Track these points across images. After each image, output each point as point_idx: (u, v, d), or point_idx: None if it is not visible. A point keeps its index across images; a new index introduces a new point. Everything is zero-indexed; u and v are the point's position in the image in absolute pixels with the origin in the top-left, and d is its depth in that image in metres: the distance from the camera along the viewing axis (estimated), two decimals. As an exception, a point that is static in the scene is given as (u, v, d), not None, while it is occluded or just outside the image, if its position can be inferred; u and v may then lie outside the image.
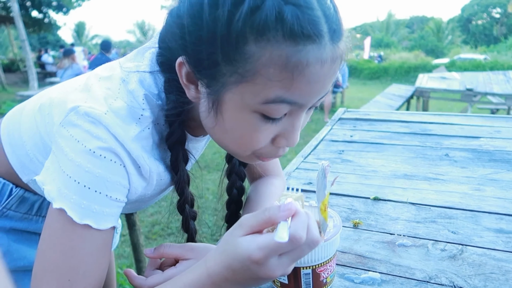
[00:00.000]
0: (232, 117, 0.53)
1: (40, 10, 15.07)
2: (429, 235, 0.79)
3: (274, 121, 0.53)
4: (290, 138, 0.56)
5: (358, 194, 1.00)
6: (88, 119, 0.53)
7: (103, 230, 0.55)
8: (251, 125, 0.53)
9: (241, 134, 0.55)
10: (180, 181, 0.65)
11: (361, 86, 14.94)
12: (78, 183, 0.52)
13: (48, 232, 0.55)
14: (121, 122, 0.55)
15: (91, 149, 0.52)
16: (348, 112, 1.85)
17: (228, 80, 0.50)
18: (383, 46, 33.64)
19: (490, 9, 41.84)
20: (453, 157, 1.22)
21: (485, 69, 13.88)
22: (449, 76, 7.61)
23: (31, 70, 9.51)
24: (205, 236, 2.76)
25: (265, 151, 0.58)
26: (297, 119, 0.55)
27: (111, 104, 0.56)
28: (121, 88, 0.58)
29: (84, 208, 0.53)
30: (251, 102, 0.50)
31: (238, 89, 0.50)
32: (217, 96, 0.53)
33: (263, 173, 0.89)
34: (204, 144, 0.79)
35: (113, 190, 0.55)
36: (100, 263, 0.57)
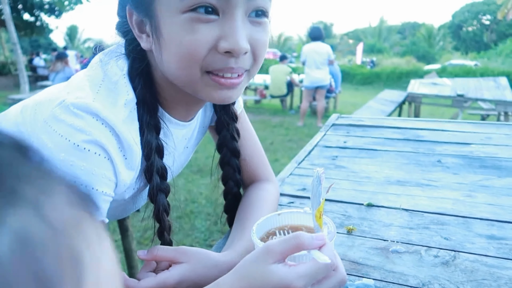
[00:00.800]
0: (169, 28, 0.55)
1: (32, 13, 14.97)
2: (422, 241, 0.80)
3: (207, 23, 0.54)
4: (231, 39, 0.55)
5: (352, 200, 1.00)
6: (73, 111, 0.54)
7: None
8: (186, 28, 0.54)
9: (181, 44, 0.55)
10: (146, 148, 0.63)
11: (354, 91, 15.03)
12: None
13: None
14: (110, 106, 0.57)
15: (75, 143, 0.53)
16: (342, 118, 1.86)
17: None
18: (375, 52, 33.94)
19: (480, 16, 42.44)
20: (445, 163, 1.24)
21: (475, 75, 14.04)
22: (441, 82, 7.69)
23: (23, 74, 9.43)
24: (197, 241, 2.76)
25: (214, 63, 0.57)
26: (233, 20, 0.55)
27: (97, 91, 0.58)
28: (104, 76, 0.61)
29: None
30: (174, 3, 0.53)
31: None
32: (153, 17, 0.56)
33: (255, 179, 0.90)
34: (185, 134, 0.76)
35: (99, 184, 0.56)
36: None
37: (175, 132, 0.72)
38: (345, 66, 19.74)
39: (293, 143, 5.61)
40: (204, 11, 0.54)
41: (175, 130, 0.72)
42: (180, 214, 3.16)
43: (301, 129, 6.69)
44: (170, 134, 0.70)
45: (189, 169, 3.99)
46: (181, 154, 0.82)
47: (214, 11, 0.55)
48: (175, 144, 0.73)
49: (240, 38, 0.55)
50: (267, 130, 6.44)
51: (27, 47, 31.14)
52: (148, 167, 0.65)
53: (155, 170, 0.65)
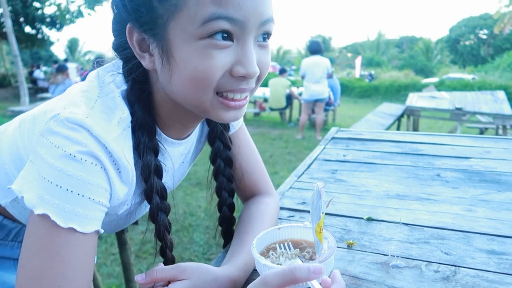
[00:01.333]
0: (183, 53, 0.56)
1: (33, 26, 15.10)
2: (422, 256, 0.80)
3: (223, 49, 0.56)
4: (246, 65, 0.57)
5: (352, 214, 1.00)
6: (67, 125, 0.54)
7: (87, 233, 0.56)
8: (202, 54, 0.55)
9: (195, 68, 0.56)
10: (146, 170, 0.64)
11: (352, 104, 15.11)
12: (60, 187, 0.53)
13: (32, 240, 0.54)
14: (103, 124, 0.57)
15: (71, 154, 0.53)
16: (341, 132, 1.87)
17: (166, 17, 0.55)
18: (374, 65, 34.20)
19: (477, 30, 42.92)
20: (445, 177, 1.24)
21: (473, 89, 14.15)
22: (439, 96, 7.73)
23: (23, 86, 9.48)
24: (196, 254, 2.74)
25: (226, 85, 0.59)
26: (247, 46, 0.57)
27: (92, 107, 0.58)
28: (100, 92, 0.61)
29: (68, 211, 0.53)
30: (192, 29, 0.54)
31: (177, 21, 0.54)
32: (163, 39, 0.57)
33: (255, 192, 0.90)
34: (182, 150, 0.77)
35: (95, 193, 0.56)
36: (87, 268, 0.57)
37: (171, 151, 0.73)
38: (344, 79, 19.87)
39: (292, 156, 5.62)
40: (221, 38, 0.55)
41: (172, 149, 0.73)
42: (178, 228, 3.14)
43: (300, 141, 6.70)
44: (168, 154, 0.71)
45: (188, 182, 3.98)
46: (177, 170, 0.82)
47: (229, 37, 0.56)
48: (173, 163, 0.74)
49: (254, 63, 0.58)
50: (266, 142, 6.45)
51: (28, 59, 31.32)
52: (148, 188, 0.65)
53: (155, 191, 0.66)
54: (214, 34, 0.55)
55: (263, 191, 0.90)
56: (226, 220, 0.85)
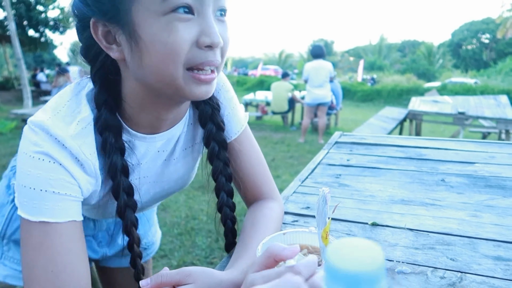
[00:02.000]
0: (150, 32, 0.58)
1: (37, 29, 15.19)
2: (428, 262, 0.79)
3: (187, 21, 0.59)
4: (210, 34, 0.60)
5: (356, 219, 1.00)
6: (31, 128, 0.61)
7: (62, 223, 0.61)
8: (168, 29, 0.58)
9: (164, 46, 0.59)
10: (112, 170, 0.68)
11: (355, 108, 15.10)
12: (24, 187, 0.60)
13: (21, 239, 0.62)
14: (61, 124, 0.62)
15: (30, 155, 0.60)
16: (344, 136, 1.86)
17: (128, 1, 0.58)
18: (376, 69, 34.22)
19: (480, 35, 42.93)
20: (449, 182, 1.23)
21: (476, 93, 14.13)
22: (441, 100, 7.72)
23: (26, 89, 9.51)
24: (198, 258, 2.73)
25: (195, 58, 0.61)
26: (207, 17, 0.61)
27: (58, 111, 0.64)
28: (70, 96, 0.67)
29: (36, 207, 0.59)
30: (155, 7, 0.57)
31: (139, 2, 0.57)
32: (129, 23, 0.59)
33: (259, 197, 0.89)
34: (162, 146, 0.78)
35: (59, 187, 0.60)
36: (75, 253, 0.62)
37: (143, 146, 0.74)
38: (346, 83, 19.87)
39: (295, 160, 5.61)
40: (183, 11, 0.59)
41: (142, 143, 0.74)
42: (181, 231, 3.13)
43: (302, 145, 6.70)
44: (133, 151, 0.73)
45: (190, 185, 3.97)
46: (166, 166, 0.82)
47: (190, 11, 0.60)
48: (138, 158, 0.76)
49: (217, 33, 0.61)
50: (269, 146, 6.45)
51: (31, 62, 31.45)
52: (114, 186, 0.69)
53: (122, 189, 0.70)
54: (177, 8, 0.58)
55: (268, 196, 0.90)
56: (228, 220, 0.85)
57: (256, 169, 0.88)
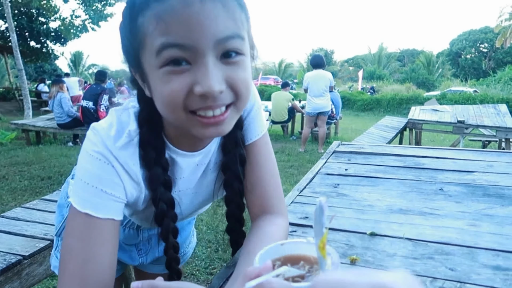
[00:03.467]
0: (152, 81, 0.64)
1: (38, 40, 15.28)
2: (427, 272, 0.79)
3: (179, 72, 0.60)
4: (203, 84, 0.60)
5: (355, 229, 0.99)
6: (93, 131, 0.69)
7: (103, 219, 0.67)
8: (164, 82, 0.61)
9: (162, 94, 0.62)
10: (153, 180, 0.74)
11: (354, 117, 15.13)
12: (81, 180, 0.67)
13: (67, 222, 0.69)
14: (113, 135, 0.69)
15: (89, 153, 0.67)
16: (343, 145, 1.87)
17: (137, 53, 0.63)
18: (375, 79, 34.31)
19: (478, 44, 43.15)
20: (448, 191, 1.23)
21: (475, 102, 14.16)
22: (441, 109, 7.73)
23: (27, 99, 9.54)
24: (198, 269, 2.71)
25: (193, 104, 0.62)
26: (203, 66, 0.60)
27: (111, 122, 0.71)
28: (123, 111, 0.74)
29: (85, 199, 0.66)
30: (152, 61, 0.61)
31: (144, 55, 0.62)
32: (142, 71, 0.65)
33: (267, 209, 0.85)
34: (200, 161, 0.81)
35: (107, 186, 0.67)
36: (107, 249, 0.67)
37: (183, 162, 0.78)
38: (346, 93, 19.93)
39: (294, 169, 5.60)
40: (176, 64, 0.60)
41: (183, 160, 0.78)
42: (180, 241, 3.12)
43: (302, 155, 6.70)
44: (175, 163, 0.78)
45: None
46: (200, 179, 0.84)
47: (186, 61, 0.60)
48: (186, 173, 0.81)
49: (212, 81, 0.60)
50: (269, 156, 6.44)
51: (32, 73, 31.61)
52: (154, 196, 0.75)
53: (162, 200, 0.75)
54: (169, 62, 0.60)
55: (276, 210, 0.86)
56: (233, 230, 0.86)
57: (269, 178, 0.86)
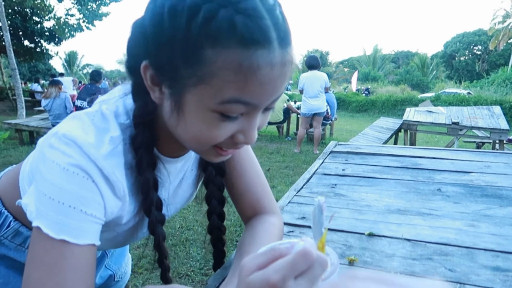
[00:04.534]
0: (193, 116, 0.57)
1: (32, 40, 15.15)
2: (426, 273, 0.78)
3: (231, 120, 0.57)
4: (248, 136, 0.59)
5: (353, 230, 0.98)
6: (63, 140, 0.58)
7: (82, 245, 0.57)
8: (210, 124, 0.57)
9: (201, 132, 0.58)
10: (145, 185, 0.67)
11: (349, 118, 15.17)
12: (53, 200, 0.56)
13: (31, 252, 0.57)
14: (94, 142, 0.60)
15: (64, 167, 0.56)
16: (340, 146, 1.86)
17: (187, 82, 0.54)
18: (370, 80, 34.46)
19: (472, 46, 43.46)
20: (446, 192, 1.23)
21: (469, 104, 14.26)
22: (435, 110, 7.77)
23: (20, 99, 9.46)
24: (193, 269, 2.69)
25: (223, 145, 0.61)
26: (253, 118, 0.59)
27: (86, 128, 0.62)
28: (95, 114, 0.64)
29: (60, 223, 0.56)
30: (209, 103, 0.54)
31: (197, 90, 0.54)
32: (178, 97, 0.57)
33: (258, 210, 0.86)
34: (181, 167, 0.78)
35: (87, 206, 0.58)
36: (86, 280, 0.58)
37: (169, 167, 0.74)
38: (341, 94, 20.00)
39: (290, 170, 5.59)
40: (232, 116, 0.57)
41: (169, 165, 0.74)
42: (175, 242, 3.10)
43: (297, 155, 6.69)
44: (165, 170, 0.73)
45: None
46: (179, 186, 0.82)
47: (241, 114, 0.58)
48: (170, 179, 0.76)
49: (255, 134, 0.60)
50: (264, 156, 6.43)
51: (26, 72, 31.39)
52: (147, 202, 0.68)
53: (154, 205, 0.68)
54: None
55: (268, 210, 0.86)
56: (215, 228, 0.83)
57: (255, 181, 0.86)
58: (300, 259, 0.44)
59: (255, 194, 0.85)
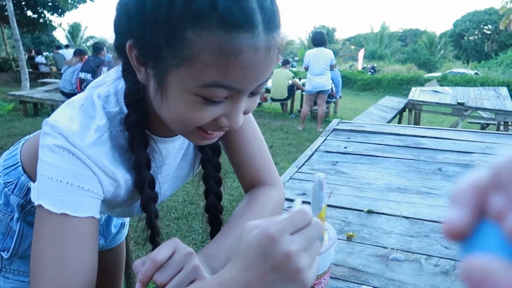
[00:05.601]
0: (175, 98, 0.57)
1: (35, 10, 14.97)
2: (422, 250, 0.80)
3: (214, 104, 0.57)
4: (232, 120, 0.59)
5: (352, 207, 1.00)
6: (51, 131, 0.61)
7: (81, 218, 0.60)
8: (193, 107, 0.56)
9: (183, 114, 0.58)
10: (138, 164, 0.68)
11: (354, 97, 15.06)
12: (51, 179, 0.59)
13: (36, 229, 0.61)
14: (78, 132, 0.61)
15: (58, 150, 0.60)
16: (342, 124, 1.86)
17: (169, 63, 0.54)
18: (377, 58, 34.02)
19: (482, 26, 42.60)
20: (446, 171, 1.23)
21: (476, 84, 14.09)
22: (441, 90, 7.70)
23: (24, 70, 9.43)
24: (195, 242, 2.75)
25: (207, 127, 0.61)
26: (238, 103, 0.58)
27: (73, 116, 0.63)
28: (85, 101, 0.66)
29: (59, 199, 0.59)
30: (191, 86, 0.54)
31: (179, 72, 0.54)
32: (161, 78, 0.57)
33: (257, 182, 0.86)
34: (180, 145, 0.79)
35: (84, 182, 0.61)
36: (88, 251, 0.61)
37: (164, 147, 0.75)
38: (346, 72, 19.77)
39: (293, 147, 5.61)
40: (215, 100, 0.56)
41: (165, 145, 0.75)
42: (177, 215, 3.15)
43: (301, 133, 6.69)
44: (155, 151, 0.73)
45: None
46: (184, 161, 0.83)
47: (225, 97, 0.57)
48: (168, 159, 0.77)
49: (239, 118, 0.60)
50: (267, 133, 6.44)
51: (29, 44, 31.14)
52: (140, 180, 0.69)
53: (147, 183, 0.69)
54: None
55: (267, 181, 0.86)
56: (213, 208, 0.84)
57: (256, 152, 0.86)
58: (298, 216, 0.47)
59: (255, 165, 0.85)
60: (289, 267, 0.45)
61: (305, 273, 0.46)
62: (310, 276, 0.46)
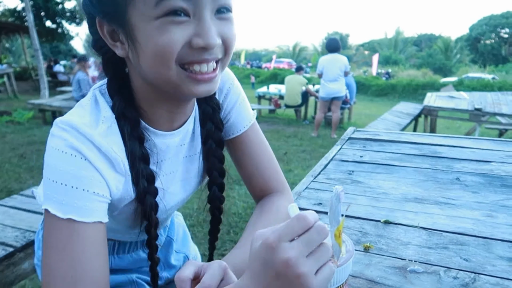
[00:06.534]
0: (144, 33, 0.59)
1: (54, 20, 15.35)
2: (441, 262, 0.79)
3: (180, 24, 0.59)
4: (204, 36, 0.60)
5: (369, 217, 0.99)
6: (60, 126, 0.62)
7: (89, 223, 0.60)
8: (161, 30, 0.58)
9: (156, 46, 0.59)
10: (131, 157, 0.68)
11: (369, 103, 14.95)
12: (56, 183, 0.59)
13: (45, 238, 0.61)
14: (89, 123, 0.63)
15: (62, 151, 0.60)
16: (358, 132, 1.85)
17: (124, 4, 0.59)
18: (391, 63, 33.75)
19: (499, 29, 41.91)
20: (464, 181, 1.22)
21: (493, 89, 13.84)
22: (458, 95, 7.59)
23: (43, 79, 9.66)
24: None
25: (187, 57, 0.61)
26: (203, 20, 0.60)
27: (81, 113, 0.66)
28: (90, 99, 0.69)
29: (65, 204, 0.59)
30: (148, 11, 0.58)
31: (134, 6, 0.58)
32: (126, 25, 0.60)
33: (267, 191, 0.88)
34: (181, 141, 0.78)
35: (89, 185, 0.61)
36: (98, 257, 0.61)
37: (163, 143, 0.75)
38: (360, 77, 19.66)
39: (307, 154, 5.60)
40: (177, 14, 0.59)
41: (163, 140, 0.74)
42: (192, 223, 3.16)
43: (315, 139, 6.67)
44: (154, 145, 0.73)
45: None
46: (190, 162, 0.83)
47: (185, 13, 0.59)
48: (162, 152, 0.76)
49: (212, 35, 0.60)
50: (281, 140, 6.44)
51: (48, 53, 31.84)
52: (134, 173, 0.69)
53: (141, 176, 0.69)
54: (169, 13, 0.58)
55: (277, 190, 0.88)
56: (216, 199, 0.86)
57: (265, 163, 0.88)
58: (296, 222, 0.48)
59: (264, 175, 0.87)
60: (289, 274, 0.46)
61: (307, 279, 0.46)
62: (314, 282, 0.47)
